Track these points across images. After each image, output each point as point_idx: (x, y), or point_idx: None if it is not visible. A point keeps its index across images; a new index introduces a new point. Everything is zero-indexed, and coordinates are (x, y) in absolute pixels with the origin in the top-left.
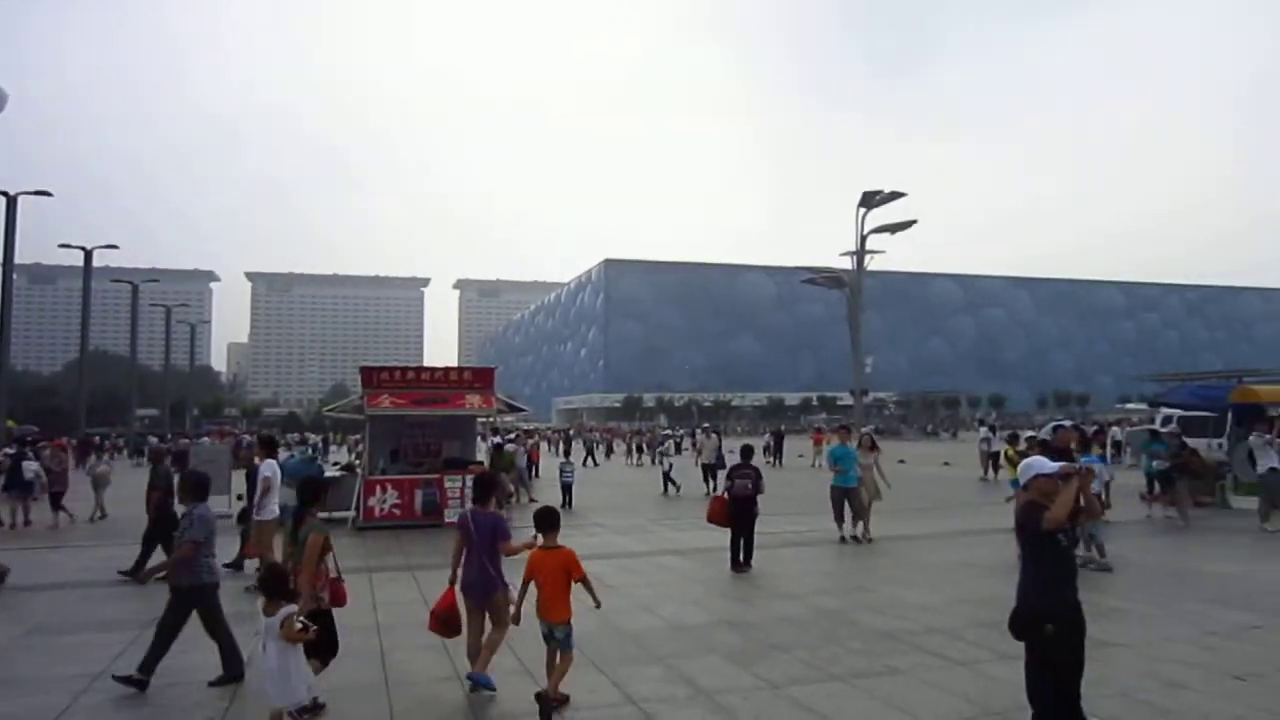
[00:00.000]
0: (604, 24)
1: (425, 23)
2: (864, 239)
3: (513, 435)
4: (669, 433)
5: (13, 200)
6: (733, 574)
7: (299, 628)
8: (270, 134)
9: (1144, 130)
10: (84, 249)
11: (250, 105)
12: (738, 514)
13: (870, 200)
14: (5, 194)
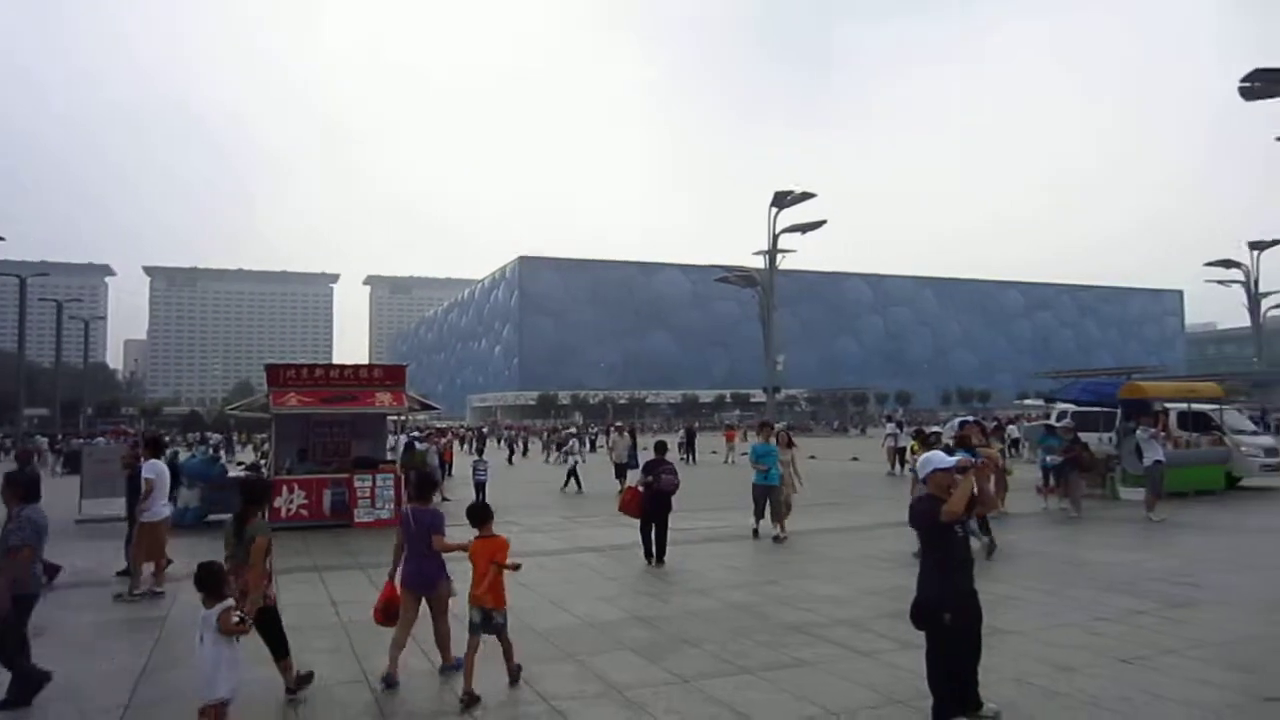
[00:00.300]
0: (522, 16)
1: (334, 10)
2: (776, 238)
3: (425, 433)
4: (573, 431)
5: None
6: (646, 570)
7: (236, 620)
8: (171, 125)
9: (1025, 129)
10: None
11: (151, 95)
12: (656, 507)
13: (782, 200)
14: None
